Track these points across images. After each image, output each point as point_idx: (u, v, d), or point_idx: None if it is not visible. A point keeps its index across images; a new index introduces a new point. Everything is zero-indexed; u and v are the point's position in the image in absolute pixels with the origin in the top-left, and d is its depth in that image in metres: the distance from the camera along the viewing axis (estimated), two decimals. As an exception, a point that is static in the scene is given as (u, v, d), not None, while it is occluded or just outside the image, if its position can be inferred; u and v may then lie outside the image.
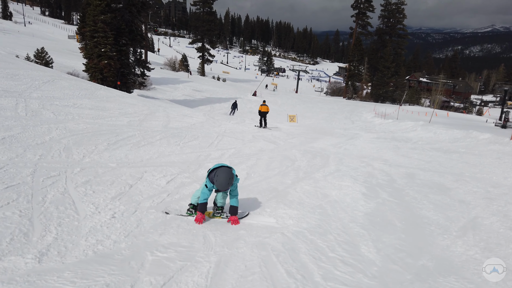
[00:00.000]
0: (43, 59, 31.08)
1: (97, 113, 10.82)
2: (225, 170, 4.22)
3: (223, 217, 4.73)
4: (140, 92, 34.04)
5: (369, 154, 10.92)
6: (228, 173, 4.20)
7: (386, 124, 17.85)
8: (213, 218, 4.75)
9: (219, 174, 4.18)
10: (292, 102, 45.56)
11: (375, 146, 12.58)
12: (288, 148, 11.15)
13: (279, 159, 9.27)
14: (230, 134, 12.28)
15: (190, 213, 4.69)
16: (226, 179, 4.16)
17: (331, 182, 7.15)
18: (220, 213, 4.78)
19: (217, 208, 4.78)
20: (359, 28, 68.87)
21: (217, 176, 4.18)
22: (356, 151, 11.56)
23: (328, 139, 13.76)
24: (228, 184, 4.20)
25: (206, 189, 4.37)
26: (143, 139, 9.10)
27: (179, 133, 10.71)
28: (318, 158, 9.74)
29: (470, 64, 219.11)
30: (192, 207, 4.73)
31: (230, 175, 4.20)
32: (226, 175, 4.18)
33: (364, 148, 12.14)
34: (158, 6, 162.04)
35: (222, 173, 4.18)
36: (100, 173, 6.01)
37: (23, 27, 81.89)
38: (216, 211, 4.79)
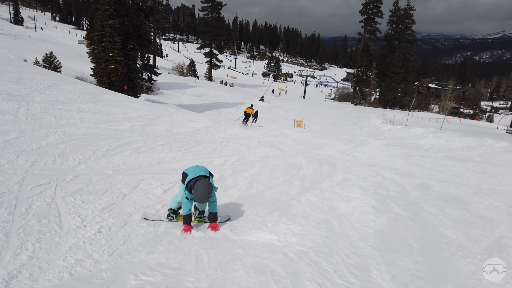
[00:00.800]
0: (51, 63, 31.26)
1: (100, 118, 10.56)
2: (203, 183, 4.01)
3: (205, 221, 4.75)
4: (148, 96, 34.00)
5: (379, 162, 10.44)
6: (207, 186, 4.01)
7: (395, 131, 17.29)
8: (195, 222, 4.74)
9: (198, 188, 3.99)
10: (300, 107, 45.21)
11: (385, 153, 12.05)
12: (294, 155, 10.76)
13: (284, 166, 8.89)
14: (235, 139, 11.93)
15: (171, 218, 4.65)
16: (206, 193, 3.99)
17: (338, 193, 6.72)
18: (202, 217, 4.79)
19: (199, 213, 4.78)
20: (367, 33, 68.39)
21: (196, 191, 3.99)
22: (364, 158, 11.07)
23: (335, 145, 13.34)
24: (207, 198, 4.04)
25: (187, 201, 4.21)
26: (145, 144, 8.80)
27: (182, 139, 10.39)
28: (325, 166, 9.32)
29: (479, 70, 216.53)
30: (172, 212, 4.67)
31: (209, 188, 4.02)
32: (205, 188, 3.99)
33: (373, 155, 11.66)
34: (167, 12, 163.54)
35: (201, 187, 3.99)
36: (94, 181, 5.70)
37: (34, 32, 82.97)
38: (198, 216, 4.78)
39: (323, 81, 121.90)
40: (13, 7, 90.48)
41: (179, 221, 4.62)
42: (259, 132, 15.30)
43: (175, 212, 4.67)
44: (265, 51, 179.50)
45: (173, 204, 4.63)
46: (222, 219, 4.80)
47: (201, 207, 4.72)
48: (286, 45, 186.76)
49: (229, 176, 7.27)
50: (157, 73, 33.94)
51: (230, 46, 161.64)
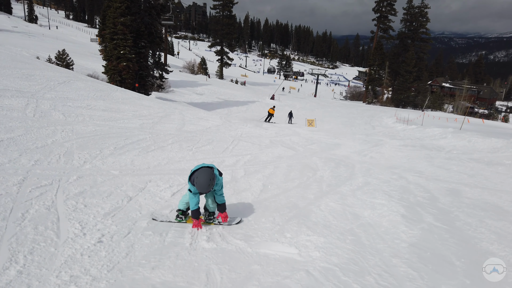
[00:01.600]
0: (64, 61, 31.30)
1: (110, 115, 10.24)
2: (204, 171, 3.91)
3: (215, 223, 4.52)
4: (159, 94, 33.83)
5: (400, 164, 9.84)
6: (208, 174, 3.88)
7: (410, 130, 16.60)
8: (204, 224, 4.51)
9: (199, 176, 3.88)
10: (311, 106, 44.59)
11: (404, 154, 11.40)
12: (309, 155, 10.30)
13: (299, 167, 8.42)
14: (246, 138, 11.50)
15: (180, 219, 4.45)
16: (206, 181, 3.85)
17: (361, 199, 6.19)
18: (212, 219, 4.55)
19: (209, 214, 4.54)
20: (380, 32, 67.26)
21: (197, 178, 3.88)
22: (383, 160, 10.50)
23: (350, 145, 12.81)
24: (209, 185, 3.88)
25: (191, 194, 4.10)
26: (154, 143, 8.47)
27: (192, 137, 10.04)
28: (342, 168, 8.80)
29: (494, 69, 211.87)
30: (181, 213, 4.47)
31: (210, 175, 3.89)
32: (206, 176, 3.87)
33: (392, 156, 11.07)
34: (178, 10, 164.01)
35: (202, 175, 3.88)
36: (99, 182, 5.37)
37: (47, 30, 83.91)
38: (208, 217, 4.54)
39: (334, 80, 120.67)
40: (28, 6, 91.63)
41: (189, 222, 4.46)
42: (271, 131, 14.84)
43: (184, 213, 4.49)
44: (276, 50, 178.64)
45: (181, 204, 4.46)
46: (233, 221, 4.59)
47: (211, 208, 4.47)
48: (297, 44, 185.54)
49: (241, 177, 6.86)
50: (168, 70, 33.74)
51: (241, 45, 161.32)
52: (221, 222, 4.49)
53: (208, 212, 4.53)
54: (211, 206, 4.44)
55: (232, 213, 4.80)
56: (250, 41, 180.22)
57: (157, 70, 32.48)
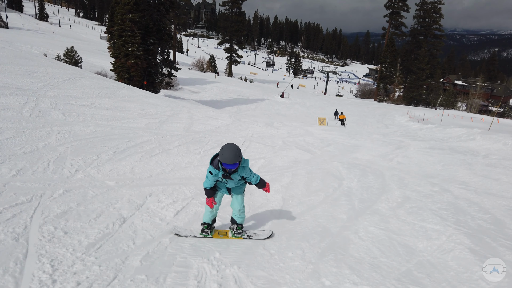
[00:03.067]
0: (72, 58, 31.21)
1: (114, 114, 9.87)
2: (229, 145, 3.54)
3: (244, 237, 4.10)
4: (167, 92, 33.61)
5: (435, 172, 8.55)
6: (233, 147, 3.51)
7: (428, 130, 15.85)
8: (232, 239, 4.09)
9: (224, 147, 3.49)
10: (321, 104, 43.98)
11: (436, 159, 9.97)
12: (327, 159, 9.44)
13: (320, 175, 7.50)
14: (258, 139, 11.02)
15: (206, 234, 4.04)
16: (233, 151, 3.47)
17: (407, 221, 5.07)
18: (241, 233, 4.12)
19: (237, 227, 4.10)
20: (392, 28, 66.16)
21: (222, 149, 3.48)
22: (414, 166, 9.26)
23: (370, 147, 11.89)
24: (235, 157, 3.46)
25: (210, 175, 3.69)
26: (159, 145, 7.96)
27: (201, 138, 9.51)
28: (370, 176, 7.75)
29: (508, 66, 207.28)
30: (206, 227, 4.04)
31: (236, 149, 3.50)
32: (232, 147, 3.50)
33: (423, 162, 9.73)
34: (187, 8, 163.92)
35: (227, 147, 3.50)
36: (89, 197, 4.59)
37: (58, 28, 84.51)
38: (236, 231, 4.10)
39: (344, 78, 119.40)
40: (39, 4, 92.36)
41: (215, 237, 4.09)
42: (283, 130, 14.36)
43: (210, 226, 4.07)
44: (285, 47, 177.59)
45: (206, 216, 4.01)
46: (263, 235, 4.19)
47: (239, 219, 4.05)
48: (307, 41, 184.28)
49: (256, 188, 6.01)
50: (177, 68, 33.46)
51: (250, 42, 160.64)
52: (250, 236, 4.15)
53: (236, 224, 4.11)
54: (238, 216, 4.04)
55: (248, 240, 4.15)
56: (259, 39, 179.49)
57: (165, 67, 32.22)
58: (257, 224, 4.67)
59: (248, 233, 4.20)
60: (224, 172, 3.67)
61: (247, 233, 4.18)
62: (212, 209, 3.95)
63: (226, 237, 4.13)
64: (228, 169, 3.60)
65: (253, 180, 3.93)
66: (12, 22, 61.92)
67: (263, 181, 4.01)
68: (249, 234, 4.18)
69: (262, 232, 4.30)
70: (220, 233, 4.19)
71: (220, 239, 4.09)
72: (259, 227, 4.58)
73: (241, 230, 4.12)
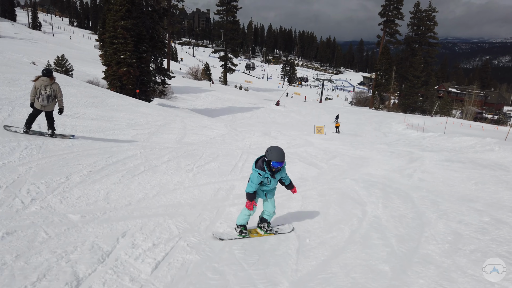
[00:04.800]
0: (63, 66, 30.47)
1: (99, 125, 9.07)
2: (276, 147, 4.04)
3: (274, 232, 4.50)
4: (161, 101, 32.87)
5: (472, 194, 7.02)
6: (280, 148, 4.01)
7: (431, 139, 15.14)
8: (266, 236, 4.42)
9: (272, 150, 3.97)
10: (317, 112, 43.51)
11: (464, 176, 8.31)
12: (337, 175, 8.24)
13: (336, 198, 6.22)
14: (256, 150, 10.26)
15: (245, 234, 4.33)
16: (281, 151, 3.97)
17: (478, 278, 3.62)
18: (271, 229, 4.53)
19: (268, 225, 4.49)
20: (387, 36, 66.22)
21: (272, 153, 3.95)
22: (440, 184, 7.75)
23: (380, 159, 10.78)
24: (283, 155, 3.98)
25: (258, 177, 4.04)
26: (145, 161, 6.91)
27: (194, 151, 8.61)
28: (395, 199, 6.44)
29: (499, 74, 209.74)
30: (243, 228, 4.32)
31: (282, 150, 4.01)
32: (279, 148, 3.99)
33: (449, 179, 8.11)
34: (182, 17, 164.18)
35: (275, 148, 4.00)
36: (38, 242, 3.38)
37: (51, 36, 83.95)
38: (268, 228, 4.50)
39: (339, 86, 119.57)
40: (32, 13, 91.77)
41: (252, 236, 4.38)
42: (281, 140, 13.64)
43: (245, 227, 4.36)
44: (280, 55, 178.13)
45: (241, 219, 4.29)
46: (285, 230, 4.57)
47: (269, 215, 4.38)
48: (301, 49, 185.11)
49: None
50: (171, 76, 32.82)
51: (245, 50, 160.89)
52: (277, 231, 4.51)
53: (267, 222, 4.46)
54: (271, 214, 4.37)
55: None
56: (254, 47, 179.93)
57: (159, 75, 31.54)
58: (266, 284, 3.39)
59: (275, 229, 4.56)
60: (271, 172, 4.05)
61: (274, 229, 4.55)
62: (250, 213, 4.20)
63: (260, 235, 4.45)
64: (275, 168, 4.03)
65: (287, 180, 4.37)
66: (4, 31, 61.18)
67: (292, 183, 4.46)
68: (276, 230, 4.55)
69: (284, 226, 4.67)
70: (252, 232, 4.47)
71: (256, 237, 4.37)
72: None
73: (271, 227, 4.51)
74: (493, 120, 65.80)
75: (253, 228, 4.52)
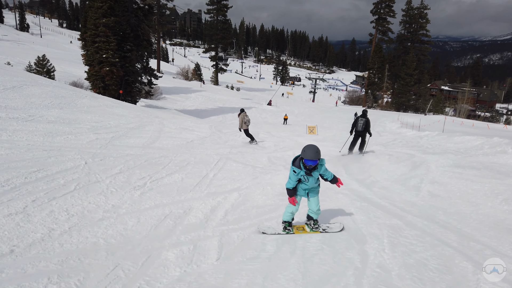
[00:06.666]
0: (44, 67, 29.21)
1: (54, 129, 7.87)
2: (310, 145, 4.07)
3: (321, 230, 4.46)
4: (148, 101, 31.72)
5: (509, 220, 5.08)
6: (314, 146, 4.03)
7: (429, 138, 14.12)
8: (311, 233, 4.40)
9: (306, 148, 4.01)
10: (310, 112, 42.63)
11: (486, 189, 6.33)
12: (328, 188, 5.91)
13: (333, 243, 4.20)
14: (237, 155, 9.19)
15: (288, 231, 4.39)
16: (314, 149, 3.98)
17: None
18: (318, 227, 4.49)
19: (314, 223, 4.48)
20: (379, 34, 65.61)
21: (304, 151, 3.99)
22: (460, 202, 5.92)
23: (377, 165, 9.27)
24: (315, 154, 3.96)
25: (294, 174, 4.12)
26: (86, 175, 5.46)
27: (160, 159, 7.29)
28: (405, 229, 4.62)
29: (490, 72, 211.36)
30: (288, 225, 4.41)
31: (316, 148, 4.02)
32: (312, 147, 4.02)
33: (469, 194, 6.25)
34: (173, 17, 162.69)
35: (308, 147, 4.03)
36: None
37: (39, 38, 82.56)
38: (314, 226, 4.48)
39: (332, 85, 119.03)
40: (19, 14, 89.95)
41: (296, 233, 4.41)
42: (269, 142, 12.61)
43: (290, 224, 4.44)
44: (272, 55, 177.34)
45: (286, 216, 4.38)
46: (335, 228, 4.51)
47: (315, 213, 4.41)
48: (294, 49, 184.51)
49: (214, 277, 3.22)
50: (157, 76, 31.62)
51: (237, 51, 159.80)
52: (325, 229, 4.47)
53: (313, 220, 4.47)
54: (315, 212, 4.39)
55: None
56: (246, 47, 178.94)
57: (145, 75, 30.35)
58: None
59: (323, 227, 4.50)
60: (306, 170, 4.07)
61: (322, 227, 4.50)
62: (293, 210, 4.27)
63: (305, 232, 4.43)
64: (308, 165, 4.01)
65: (329, 176, 4.32)
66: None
67: (336, 177, 4.38)
68: (324, 228, 4.49)
69: (334, 225, 4.57)
70: (298, 229, 4.49)
71: (300, 234, 4.35)
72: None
73: (318, 224, 4.48)
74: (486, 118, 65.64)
75: (301, 225, 4.56)
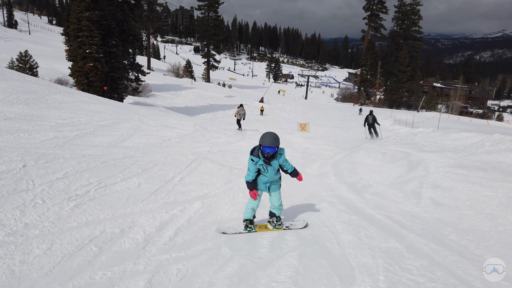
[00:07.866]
0: (26, 63, 28.11)
1: (8, 126, 6.99)
2: (269, 132, 3.90)
3: (284, 228, 4.32)
4: (136, 99, 30.83)
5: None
6: (272, 133, 3.85)
7: (424, 135, 13.50)
8: (274, 231, 4.24)
9: (264, 135, 3.86)
10: (302, 109, 42.01)
11: (500, 196, 5.47)
12: (311, 195, 5.75)
13: (301, 265, 3.39)
14: (216, 155, 8.43)
15: (250, 229, 4.20)
16: (272, 136, 3.81)
17: None
18: (281, 224, 4.35)
19: (277, 220, 4.33)
20: (371, 30, 65.15)
21: (262, 137, 3.84)
22: (473, 215, 4.94)
23: (369, 164, 8.49)
24: (273, 141, 3.79)
25: (252, 163, 3.93)
26: (18, 180, 4.58)
27: (123, 159, 6.41)
28: (408, 257, 3.68)
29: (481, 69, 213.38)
30: (249, 223, 4.21)
31: (275, 135, 3.84)
32: (271, 133, 3.84)
33: (480, 202, 5.37)
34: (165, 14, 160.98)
35: (267, 134, 3.86)
36: None
37: (27, 35, 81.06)
38: (277, 223, 4.33)
39: (324, 82, 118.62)
40: (7, 11, 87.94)
41: (259, 231, 4.24)
42: (255, 140, 11.89)
43: (252, 222, 4.24)
44: (265, 53, 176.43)
45: (247, 213, 4.18)
46: (298, 225, 4.36)
47: (277, 211, 4.25)
48: (286, 46, 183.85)
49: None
50: (145, 72, 30.74)
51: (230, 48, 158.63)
52: (288, 227, 4.35)
53: (276, 217, 4.33)
54: (277, 207, 4.22)
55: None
56: (239, 44, 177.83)
57: (132, 72, 29.43)
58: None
59: (286, 224, 4.39)
60: (264, 158, 3.91)
61: (285, 224, 4.38)
62: (253, 205, 4.09)
63: (268, 229, 4.28)
64: (266, 153, 3.84)
65: (289, 168, 4.17)
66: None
67: (296, 170, 4.24)
68: (287, 225, 4.37)
69: (297, 222, 4.47)
70: (260, 227, 4.34)
71: (263, 232, 4.19)
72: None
73: (281, 222, 4.34)
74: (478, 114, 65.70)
75: (264, 223, 4.40)
